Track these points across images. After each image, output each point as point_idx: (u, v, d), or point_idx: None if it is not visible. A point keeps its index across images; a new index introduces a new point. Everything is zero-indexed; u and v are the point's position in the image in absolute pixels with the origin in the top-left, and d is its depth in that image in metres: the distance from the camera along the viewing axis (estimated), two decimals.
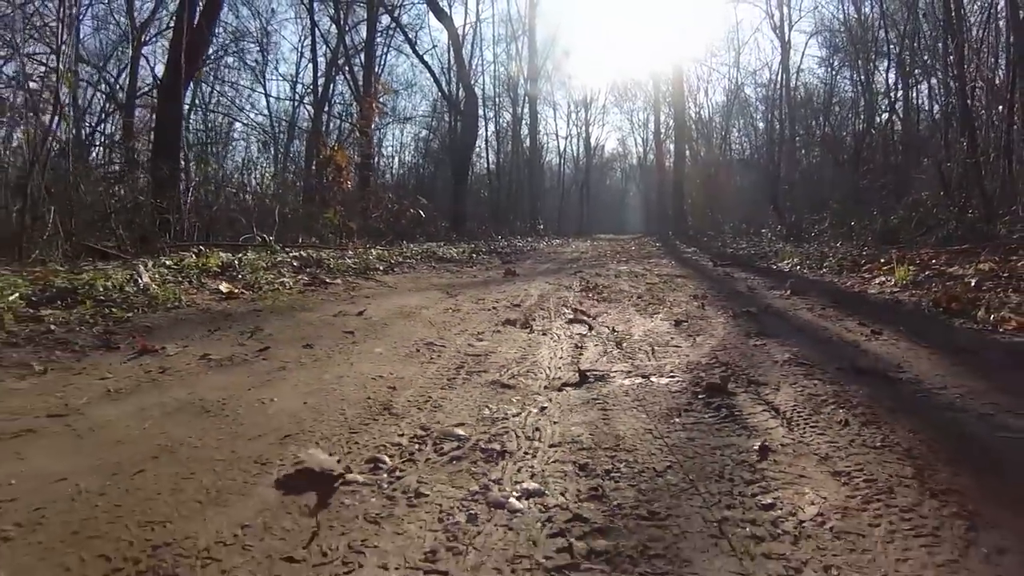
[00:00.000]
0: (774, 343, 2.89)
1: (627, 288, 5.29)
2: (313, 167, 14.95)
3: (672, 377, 2.21)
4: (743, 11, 33.98)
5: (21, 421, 1.71)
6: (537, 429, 1.62)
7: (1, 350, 2.64)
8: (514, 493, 1.22)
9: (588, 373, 2.20)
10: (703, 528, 1.12)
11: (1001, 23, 12.98)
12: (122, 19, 13.23)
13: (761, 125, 24.33)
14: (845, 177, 16.19)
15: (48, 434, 1.62)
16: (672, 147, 27.67)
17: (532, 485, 1.26)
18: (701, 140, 28.82)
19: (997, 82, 12.89)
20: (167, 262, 5.44)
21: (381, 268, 6.76)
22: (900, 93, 16.80)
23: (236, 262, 5.73)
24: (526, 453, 1.45)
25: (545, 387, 2.06)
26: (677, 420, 1.73)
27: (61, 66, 6.85)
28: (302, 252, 7.28)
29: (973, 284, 4.83)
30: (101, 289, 3.97)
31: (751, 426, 1.69)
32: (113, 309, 3.56)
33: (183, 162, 9.91)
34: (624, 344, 2.80)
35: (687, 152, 28.08)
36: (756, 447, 1.51)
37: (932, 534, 1.13)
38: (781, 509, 1.20)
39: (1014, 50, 11.30)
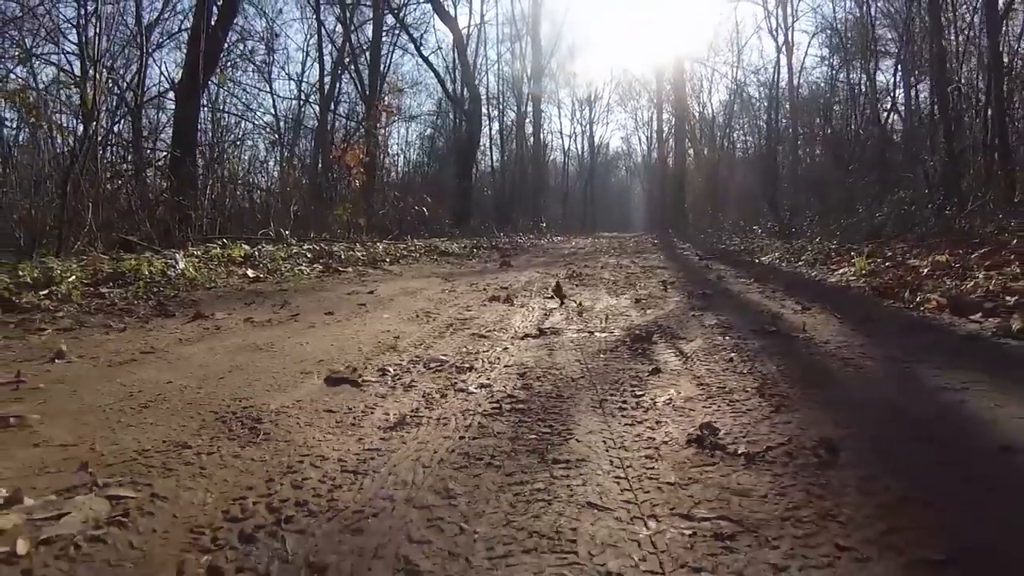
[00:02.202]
0: (710, 314, 3.50)
1: (607, 276, 5.91)
2: (319, 167, 15.64)
3: (612, 334, 2.85)
4: (745, 9, 34.40)
5: (122, 356, 2.37)
6: (498, 358, 2.28)
7: (80, 316, 3.31)
8: (472, 386, 1.87)
9: (547, 329, 2.84)
10: (589, 403, 1.76)
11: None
12: (130, 20, 13.87)
13: (763, 124, 24.84)
14: (840, 175, 16.70)
15: (147, 362, 2.27)
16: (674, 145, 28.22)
17: (485, 382, 1.91)
18: (704, 138, 29.32)
19: (981, 84, 13.33)
20: (196, 252, 6.12)
21: (388, 260, 7.43)
22: (900, 92, 17.32)
23: (256, 253, 6.42)
24: (486, 368, 2.11)
25: (511, 337, 2.71)
26: (602, 356, 2.37)
27: (97, 75, 7.55)
28: (315, 245, 7.95)
29: (924, 273, 5.31)
30: (147, 273, 4.64)
31: (655, 360, 2.32)
32: (161, 288, 4.23)
33: (201, 161, 10.65)
34: (584, 314, 3.44)
35: (691, 150, 28.66)
36: (650, 370, 2.15)
37: (745, 412, 1.75)
38: (646, 397, 1.83)
39: (989, 52, 11.83)
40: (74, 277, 4.30)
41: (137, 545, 0.96)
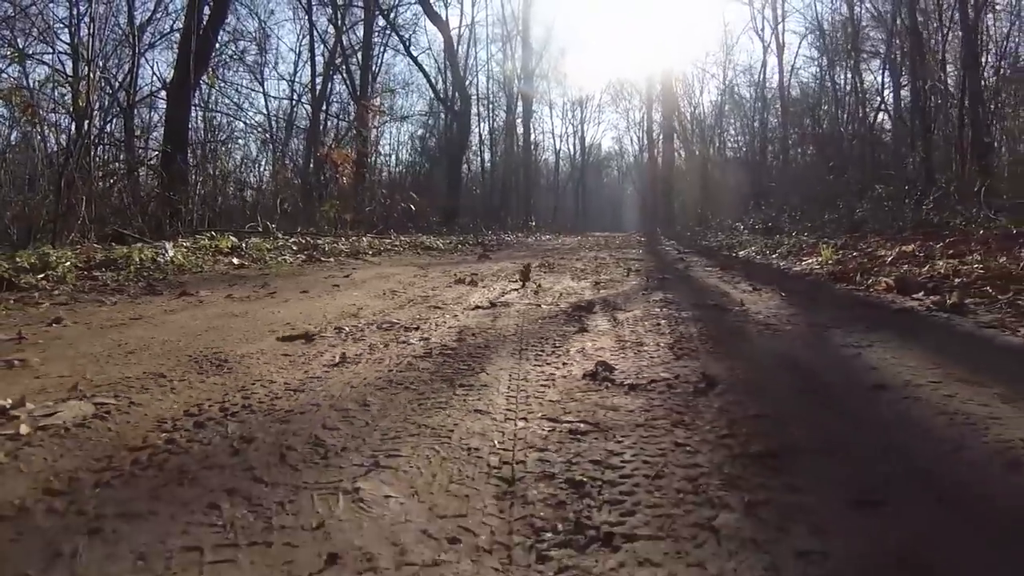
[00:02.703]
0: (659, 292, 3.77)
1: (579, 266, 6.19)
2: (311, 166, 15.92)
3: (558, 306, 3.13)
4: (735, 10, 34.82)
5: (113, 321, 2.66)
6: (445, 322, 2.57)
7: (75, 294, 3.59)
8: (412, 339, 2.16)
9: (498, 303, 3.13)
10: (511, 350, 2.05)
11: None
12: (122, 19, 14.15)
13: (754, 124, 25.24)
14: (824, 173, 17.05)
15: (135, 325, 2.55)
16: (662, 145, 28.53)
17: (426, 337, 2.20)
18: (695, 138, 29.65)
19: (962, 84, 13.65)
20: (185, 243, 6.39)
21: (370, 252, 7.71)
22: (888, 92, 17.72)
23: (243, 245, 6.69)
24: (431, 329, 2.40)
25: (464, 308, 2.99)
26: (540, 321, 2.66)
27: (90, 74, 7.82)
28: (301, 239, 8.24)
29: (889, 261, 5.53)
30: (137, 260, 4.92)
31: (587, 323, 2.61)
32: (151, 272, 4.51)
33: (192, 159, 10.94)
34: (540, 293, 3.73)
35: (682, 151, 29.03)
36: (577, 329, 2.44)
37: (648, 359, 2.03)
38: (563, 348, 2.12)
39: (964, 53, 12.19)
40: (69, 263, 4.57)
41: (113, 430, 1.25)
